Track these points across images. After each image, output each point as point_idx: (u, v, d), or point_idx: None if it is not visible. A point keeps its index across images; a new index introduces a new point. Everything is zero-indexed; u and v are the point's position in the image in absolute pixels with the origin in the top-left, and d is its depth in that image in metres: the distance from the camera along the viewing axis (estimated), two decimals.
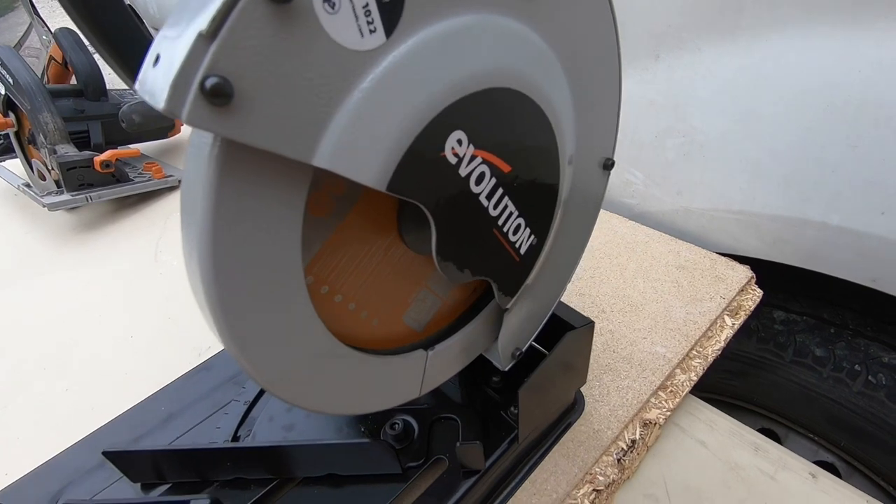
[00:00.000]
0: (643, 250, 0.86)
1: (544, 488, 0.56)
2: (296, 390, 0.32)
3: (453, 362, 0.44)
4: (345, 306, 0.34)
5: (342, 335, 0.34)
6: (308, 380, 0.32)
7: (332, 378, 0.34)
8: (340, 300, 0.34)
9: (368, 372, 0.36)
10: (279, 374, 0.30)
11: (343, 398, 0.35)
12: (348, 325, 0.35)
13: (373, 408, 0.39)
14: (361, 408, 0.38)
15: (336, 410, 0.36)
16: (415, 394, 0.42)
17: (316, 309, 0.31)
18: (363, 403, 0.37)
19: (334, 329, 0.33)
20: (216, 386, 0.65)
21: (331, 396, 0.34)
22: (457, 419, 0.57)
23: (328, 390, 0.34)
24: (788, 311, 0.96)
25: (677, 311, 0.75)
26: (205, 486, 0.54)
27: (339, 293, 0.33)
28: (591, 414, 0.63)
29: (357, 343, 0.36)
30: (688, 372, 0.68)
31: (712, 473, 0.59)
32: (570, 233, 0.45)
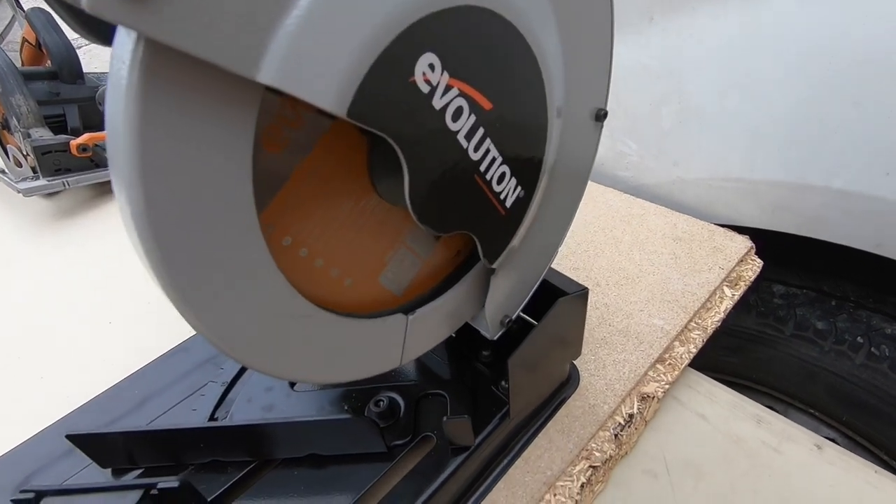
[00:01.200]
0: (639, 223, 0.83)
1: (538, 465, 0.54)
2: (256, 352, 0.29)
3: (437, 330, 0.41)
4: (311, 262, 0.31)
5: (310, 294, 0.31)
6: (270, 341, 0.29)
7: (299, 341, 0.31)
8: (306, 254, 0.31)
9: (341, 336, 0.33)
10: (232, 332, 0.27)
11: (313, 364, 0.32)
12: (317, 283, 0.32)
13: (348, 376, 0.36)
14: (334, 376, 0.34)
15: (305, 377, 0.33)
16: (395, 363, 0.39)
17: (277, 262, 0.27)
18: (336, 371, 0.34)
19: (301, 287, 0.30)
20: (193, 368, 0.62)
21: (298, 361, 0.31)
22: (445, 395, 0.54)
23: (295, 354, 0.31)
24: (788, 285, 0.94)
25: (675, 282, 0.72)
26: (179, 469, 0.51)
27: (304, 247, 0.30)
28: (587, 388, 0.60)
29: (328, 304, 0.32)
30: (686, 344, 0.65)
31: (713, 447, 0.57)
32: (560, 189, 0.42)
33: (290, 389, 0.57)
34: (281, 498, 0.48)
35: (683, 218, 0.82)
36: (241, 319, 0.27)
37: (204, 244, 0.23)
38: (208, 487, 0.49)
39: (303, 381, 0.33)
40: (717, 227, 0.80)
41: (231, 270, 0.25)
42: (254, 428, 0.49)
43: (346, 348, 0.34)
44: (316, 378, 0.33)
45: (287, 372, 0.31)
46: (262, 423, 0.48)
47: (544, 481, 0.52)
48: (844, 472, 0.53)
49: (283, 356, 0.30)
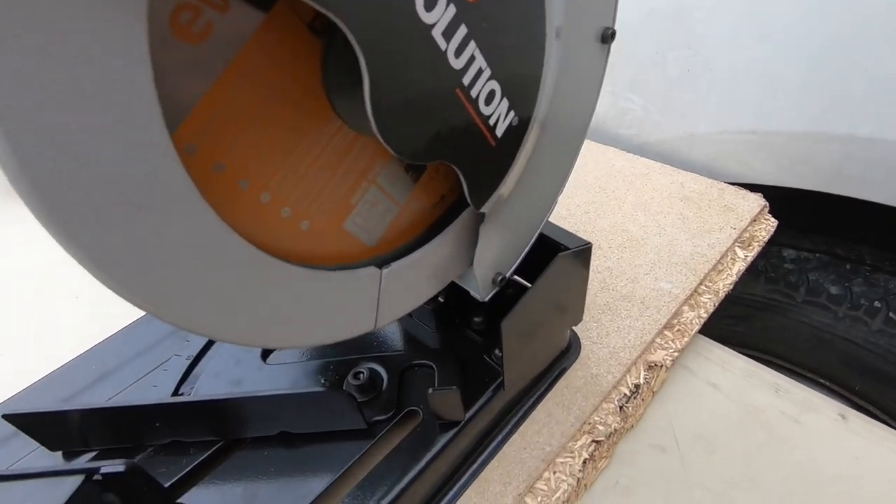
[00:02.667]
0: (643, 183, 0.77)
1: (535, 441, 0.49)
2: (185, 309, 0.23)
3: (418, 288, 0.36)
4: (254, 197, 0.25)
5: (256, 237, 0.25)
6: (202, 294, 0.23)
7: (244, 294, 0.25)
8: (248, 187, 0.25)
9: (299, 290, 0.28)
10: (149, 283, 0.21)
11: (264, 323, 0.27)
12: (264, 224, 0.26)
13: (310, 339, 0.30)
14: (294, 338, 0.29)
15: (256, 339, 0.27)
16: (369, 325, 0.33)
17: (204, 192, 0.21)
18: (295, 333, 0.29)
19: (243, 227, 0.24)
20: (157, 340, 0.57)
21: (245, 319, 0.26)
22: (432, 366, 0.49)
23: (241, 311, 0.25)
24: (799, 249, 0.89)
25: (683, 244, 0.66)
26: (137, 451, 0.46)
27: (243, 176, 0.24)
28: (589, 357, 0.55)
29: (280, 251, 0.27)
30: (697, 309, 0.60)
31: (727, 418, 0.52)
32: (561, 123, 0.36)
33: (262, 362, 0.52)
34: (248, 481, 0.43)
35: (691, 177, 0.76)
36: (158, 267, 0.21)
37: (92, 170, 0.17)
38: (168, 471, 0.44)
39: (255, 344, 0.27)
40: (727, 185, 0.74)
41: (134, 202, 0.19)
42: (218, 403, 0.43)
43: (306, 305, 0.28)
44: (270, 341, 0.28)
45: (232, 332, 0.25)
46: (226, 398, 0.43)
47: (543, 458, 0.47)
48: (872, 444, 0.48)
49: (224, 313, 0.24)
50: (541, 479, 0.47)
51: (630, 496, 0.48)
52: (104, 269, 0.19)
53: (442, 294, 0.50)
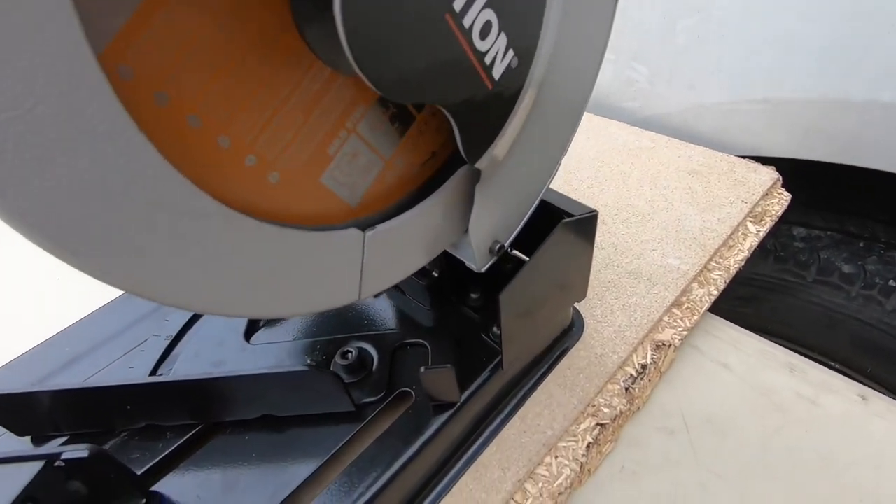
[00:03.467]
0: (648, 156, 0.74)
1: (536, 424, 0.46)
2: (127, 267, 0.19)
3: (407, 255, 0.32)
4: (209, 139, 0.21)
5: (215, 187, 0.22)
6: (147, 250, 0.20)
7: (200, 253, 0.22)
8: (199, 126, 0.21)
9: (269, 251, 0.24)
10: (77, 234, 0.17)
11: (228, 288, 0.23)
12: (222, 171, 0.22)
13: (286, 308, 0.27)
14: (265, 307, 0.25)
15: (220, 307, 0.24)
16: (352, 295, 0.30)
17: (142, 125, 0.18)
18: (264, 301, 0.25)
19: (195, 173, 0.21)
20: (135, 320, 0.53)
21: (204, 284, 0.22)
22: (426, 344, 0.45)
23: (195, 274, 0.22)
24: (810, 227, 0.85)
25: (692, 219, 0.63)
26: (110, 436, 0.43)
27: (192, 112, 0.21)
28: (593, 336, 0.52)
29: (245, 205, 0.23)
30: (706, 286, 0.57)
31: (739, 400, 0.49)
32: (566, 72, 0.32)
33: (245, 343, 0.49)
34: (228, 467, 0.40)
35: (699, 150, 0.73)
36: (86, 213, 0.17)
37: None
38: (142, 457, 0.41)
39: (219, 312, 0.24)
40: (737, 158, 0.70)
41: (55, 134, 0.16)
42: (194, 384, 0.40)
43: (278, 269, 0.25)
44: (236, 308, 0.24)
45: (187, 297, 0.22)
46: (203, 378, 0.40)
47: (544, 442, 0.45)
48: (895, 426, 0.45)
49: (176, 274, 0.21)
50: (542, 465, 0.44)
51: (637, 482, 0.45)
52: (18, 216, 0.16)
53: (436, 269, 0.47)
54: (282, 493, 0.38)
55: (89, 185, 0.17)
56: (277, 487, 0.38)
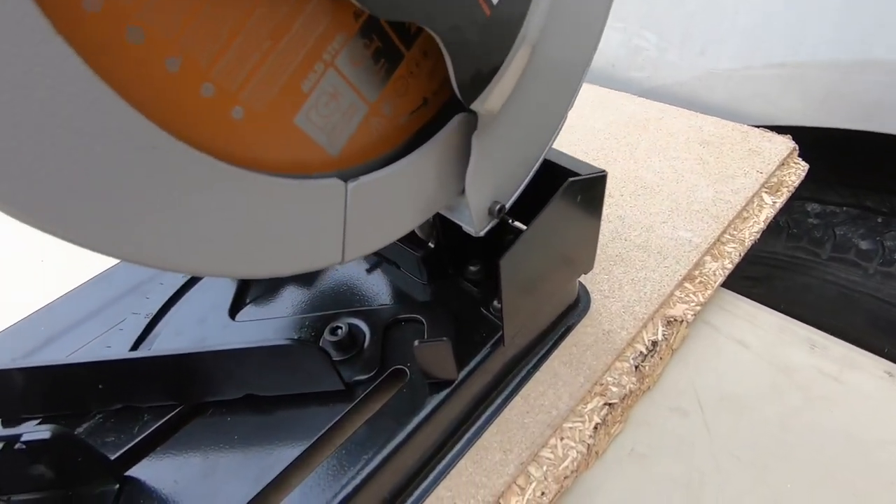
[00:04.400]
0: (657, 128, 0.70)
1: (540, 404, 0.43)
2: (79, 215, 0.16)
3: (396, 214, 0.29)
4: (155, 59, 0.18)
5: (164, 118, 0.18)
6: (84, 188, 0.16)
7: (150, 195, 0.18)
8: (142, 42, 0.18)
9: (235, 198, 0.21)
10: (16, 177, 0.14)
11: (187, 240, 0.20)
12: (172, 100, 0.19)
13: (258, 267, 0.23)
14: (232, 264, 0.22)
15: (180, 262, 0.20)
16: (334, 255, 0.26)
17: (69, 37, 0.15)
18: (233, 257, 0.22)
19: (138, 98, 0.17)
20: (114, 299, 0.50)
21: (167, 234, 0.19)
22: (422, 320, 0.42)
23: (157, 222, 0.19)
24: (825, 203, 0.82)
25: (703, 190, 0.60)
26: (85, 418, 0.40)
27: (133, 22, 0.17)
28: (600, 312, 0.49)
29: (203, 142, 0.20)
30: (720, 259, 0.53)
31: (757, 378, 0.46)
32: (572, 8, 0.29)
33: (229, 320, 0.46)
34: (208, 450, 0.37)
35: (711, 120, 0.69)
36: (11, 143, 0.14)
37: None
38: (117, 440, 0.38)
39: (179, 268, 0.21)
40: (751, 128, 0.67)
41: None
42: (171, 360, 0.37)
43: (248, 220, 0.22)
44: (200, 263, 0.21)
45: (144, 249, 0.19)
46: (180, 354, 0.37)
47: (548, 423, 0.42)
48: None
49: (121, 221, 0.18)
50: (546, 447, 0.41)
51: (647, 464, 0.42)
52: None
53: (432, 239, 0.44)
54: (265, 477, 0.35)
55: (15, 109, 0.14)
56: (261, 471, 0.35)
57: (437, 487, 0.39)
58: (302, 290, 0.48)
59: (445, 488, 0.39)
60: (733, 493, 0.39)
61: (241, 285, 0.49)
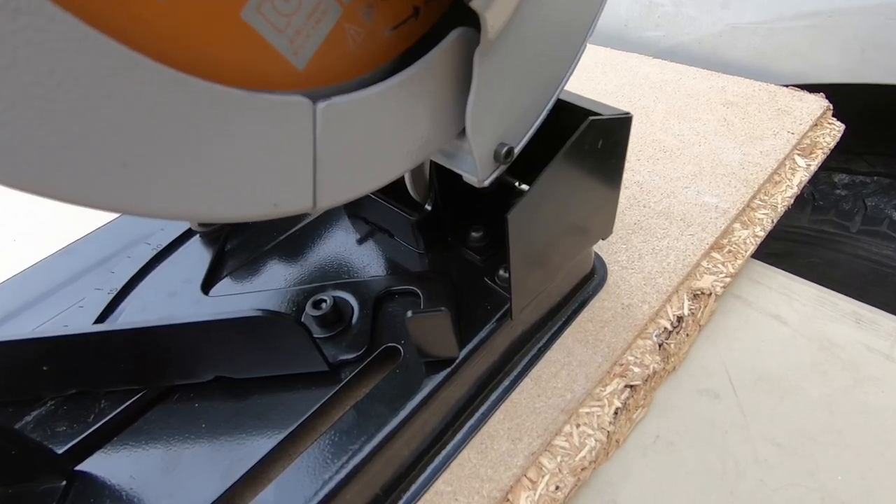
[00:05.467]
0: (674, 89, 0.64)
1: (553, 387, 0.38)
2: None
3: (378, 151, 0.24)
4: None
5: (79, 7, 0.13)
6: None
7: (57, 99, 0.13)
8: None
9: (170, 110, 0.16)
10: None
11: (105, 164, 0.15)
12: None
13: (207, 208, 0.18)
14: (178, 200, 0.17)
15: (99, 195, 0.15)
16: (303, 197, 0.21)
17: None
18: (180, 189, 0.17)
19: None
20: (76, 275, 0.45)
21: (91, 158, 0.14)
22: (417, 291, 0.37)
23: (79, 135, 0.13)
24: (853, 174, 0.76)
25: (730, 153, 0.54)
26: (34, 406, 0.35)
27: None
28: (618, 285, 0.44)
29: (119, 31, 0.15)
30: (751, 226, 0.48)
31: (797, 356, 0.41)
32: None
33: (202, 294, 0.41)
34: (171, 441, 0.32)
35: (733, 79, 0.63)
36: None
37: None
38: (68, 431, 0.33)
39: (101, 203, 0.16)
40: (778, 87, 0.61)
41: None
42: (130, 337, 0.32)
43: (188, 138, 0.17)
44: (125, 200, 0.16)
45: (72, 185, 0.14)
46: (139, 329, 0.32)
47: (562, 408, 0.37)
48: None
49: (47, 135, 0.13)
50: (560, 434, 0.36)
51: (675, 453, 0.37)
52: None
53: (429, 201, 0.39)
54: (236, 472, 0.30)
55: None
56: (231, 464, 0.30)
57: (435, 481, 0.34)
58: (284, 263, 0.43)
59: (445, 482, 0.34)
60: (775, 485, 0.34)
61: (217, 258, 0.44)
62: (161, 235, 0.46)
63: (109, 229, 0.49)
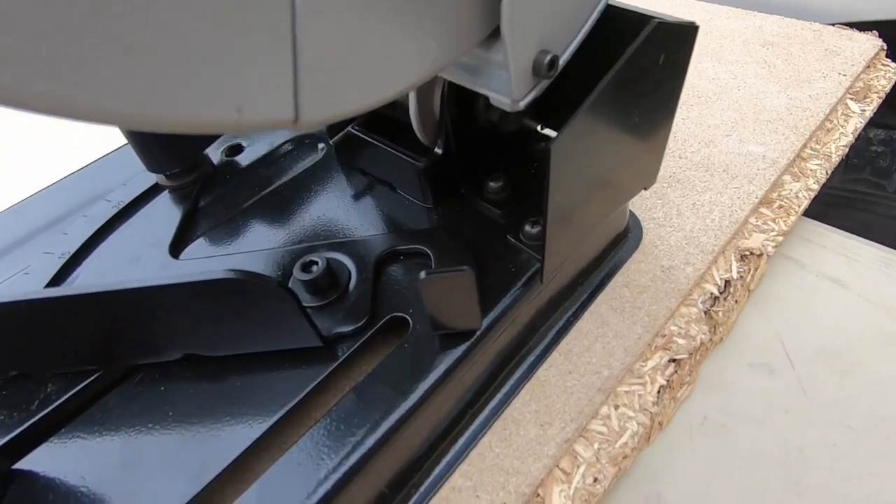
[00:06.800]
0: (705, 31, 0.57)
1: (586, 361, 0.32)
2: None
3: (381, 47, 0.17)
4: None
5: None
6: None
7: None
8: None
9: None
10: None
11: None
12: None
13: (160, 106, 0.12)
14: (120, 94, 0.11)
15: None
16: (280, 108, 0.15)
17: None
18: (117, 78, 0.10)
19: None
20: (23, 238, 0.39)
21: None
22: (427, 251, 0.31)
23: None
24: (890, 129, 0.70)
25: (774, 97, 0.48)
26: None
27: None
28: (655, 244, 0.38)
29: None
30: (802, 178, 0.42)
31: (863, 325, 0.35)
32: None
33: (170, 258, 0.34)
34: (131, 433, 0.26)
35: (771, 19, 0.57)
36: None
37: None
38: (7, 420, 0.27)
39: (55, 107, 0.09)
40: (823, 25, 0.54)
41: None
42: (81, 304, 0.26)
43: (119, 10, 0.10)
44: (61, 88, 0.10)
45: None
46: (87, 294, 0.25)
47: (599, 386, 0.31)
48: None
49: None
50: (597, 418, 0.31)
51: (727, 437, 0.32)
52: None
53: (439, 143, 0.32)
54: (212, 468, 0.24)
55: None
56: (206, 460, 0.25)
57: (452, 475, 0.29)
58: (267, 222, 0.36)
59: (464, 476, 0.29)
60: (847, 472, 0.29)
61: (187, 216, 0.37)
62: (122, 192, 0.40)
63: (63, 185, 0.42)
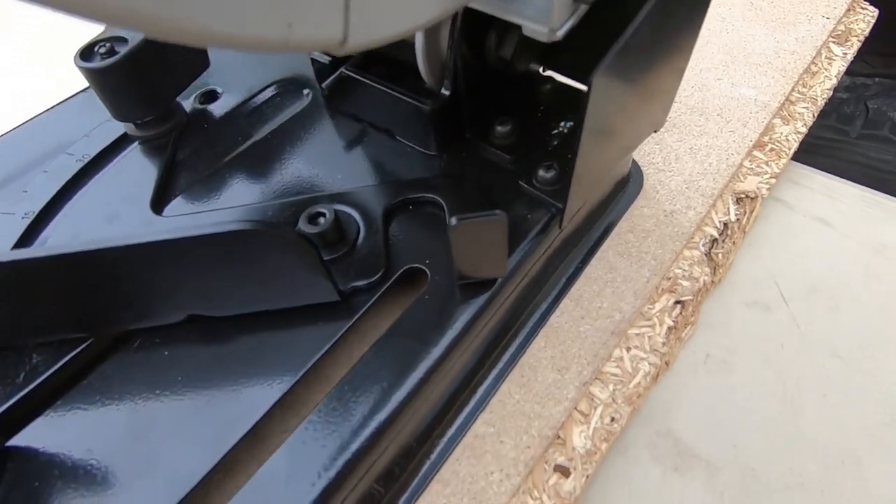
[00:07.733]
0: None
1: (597, 306, 0.33)
2: None
3: None
4: None
5: None
6: None
7: None
8: None
9: None
10: None
11: None
12: None
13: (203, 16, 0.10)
14: None
15: None
16: (331, 27, 0.13)
17: None
18: None
19: None
20: None
21: None
22: (438, 200, 0.30)
23: None
24: (854, 75, 0.73)
25: (762, 40, 0.48)
26: None
27: None
28: (656, 189, 0.38)
29: None
30: (791, 121, 0.43)
31: (849, 262, 0.37)
32: None
33: (153, 215, 0.31)
34: (136, 402, 0.25)
35: None
36: None
37: None
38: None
39: None
40: None
41: None
42: (65, 265, 0.23)
43: None
44: None
45: None
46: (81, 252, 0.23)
47: (612, 330, 0.32)
48: None
49: None
50: (611, 360, 0.31)
51: (728, 372, 0.33)
52: None
53: (446, 84, 0.30)
54: (231, 435, 0.23)
55: None
56: (224, 425, 0.23)
57: (474, 423, 0.29)
58: (255, 175, 0.34)
59: (486, 423, 0.29)
60: (840, 398, 0.31)
61: (167, 169, 0.34)
62: (86, 143, 0.36)
63: (13, 137, 0.38)
